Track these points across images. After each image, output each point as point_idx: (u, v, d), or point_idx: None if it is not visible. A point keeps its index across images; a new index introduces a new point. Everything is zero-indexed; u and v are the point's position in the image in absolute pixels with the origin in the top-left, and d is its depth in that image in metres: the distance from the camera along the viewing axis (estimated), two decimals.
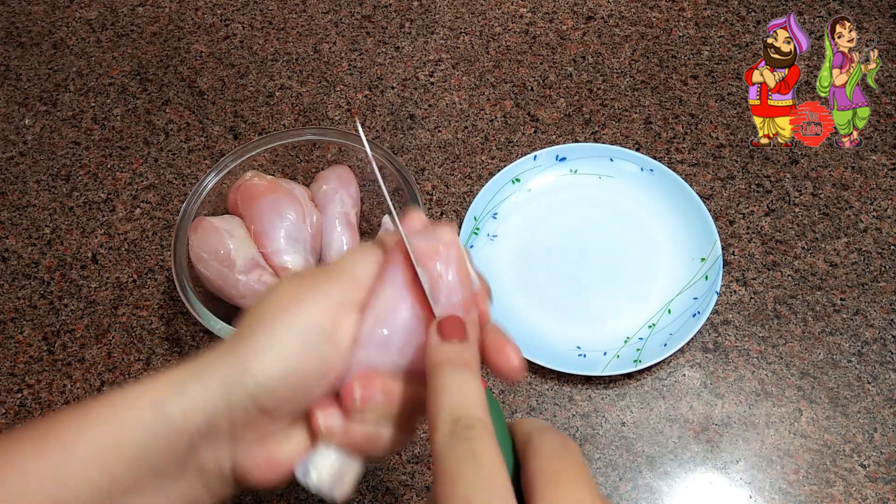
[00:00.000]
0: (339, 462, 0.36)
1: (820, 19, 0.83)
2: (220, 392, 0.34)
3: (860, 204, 0.71)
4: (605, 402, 0.63)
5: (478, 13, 0.86)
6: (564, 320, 0.66)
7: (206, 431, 0.34)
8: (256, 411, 0.34)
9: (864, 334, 0.65)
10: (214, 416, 0.34)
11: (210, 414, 0.34)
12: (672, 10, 0.85)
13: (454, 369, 0.33)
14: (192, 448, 0.34)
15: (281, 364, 0.34)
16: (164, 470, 0.34)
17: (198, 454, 0.34)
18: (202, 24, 0.86)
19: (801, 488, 0.59)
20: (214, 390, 0.34)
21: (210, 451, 0.35)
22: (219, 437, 0.34)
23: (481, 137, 0.77)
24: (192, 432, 0.34)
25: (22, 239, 0.73)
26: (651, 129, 0.76)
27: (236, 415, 0.34)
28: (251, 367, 0.34)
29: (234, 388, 0.34)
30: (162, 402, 0.34)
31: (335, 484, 0.36)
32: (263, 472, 0.36)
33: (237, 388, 0.34)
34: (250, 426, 0.34)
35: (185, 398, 0.34)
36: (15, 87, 0.83)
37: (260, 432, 0.35)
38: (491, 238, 0.70)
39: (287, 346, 0.34)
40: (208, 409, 0.34)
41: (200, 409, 0.34)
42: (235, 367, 0.34)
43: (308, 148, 0.68)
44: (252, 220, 0.63)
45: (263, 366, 0.34)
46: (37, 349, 0.67)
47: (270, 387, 0.34)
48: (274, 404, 0.34)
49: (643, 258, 0.69)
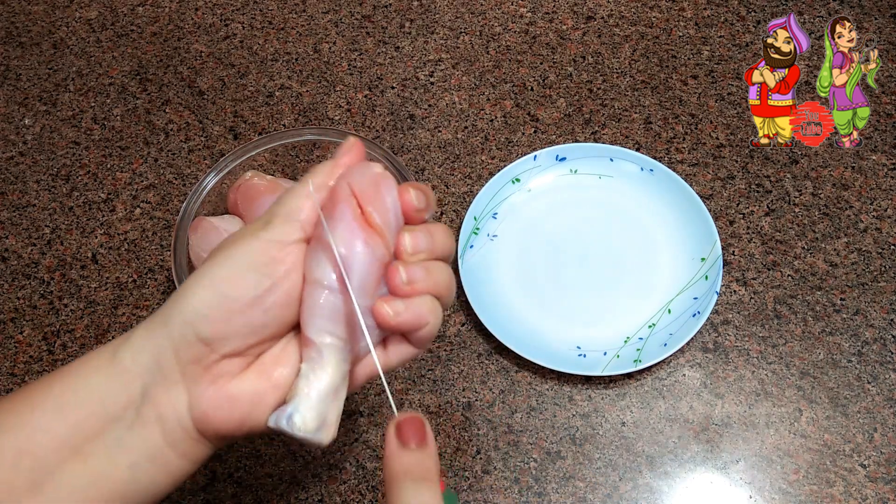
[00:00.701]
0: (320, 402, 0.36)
1: (820, 19, 0.83)
2: (162, 329, 0.36)
3: (860, 204, 0.71)
4: (605, 402, 0.63)
5: (478, 13, 0.86)
6: (564, 320, 0.66)
7: (155, 371, 0.36)
8: (197, 340, 0.36)
9: (864, 334, 0.65)
10: (159, 353, 0.36)
11: (155, 352, 0.36)
12: (672, 10, 0.85)
13: (413, 482, 0.34)
14: (145, 392, 0.36)
15: (211, 291, 0.36)
16: (122, 417, 0.36)
17: (152, 399, 0.36)
18: (202, 24, 0.86)
19: (801, 488, 0.59)
20: (156, 329, 0.37)
21: (164, 395, 0.36)
22: (169, 376, 0.36)
23: (481, 137, 0.77)
24: (143, 373, 0.36)
25: (22, 239, 0.73)
26: (651, 129, 0.76)
27: (180, 347, 0.36)
28: (185, 299, 0.36)
29: (171, 320, 0.36)
30: (115, 350, 0.37)
31: (320, 426, 0.36)
32: (222, 412, 0.37)
33: (174, 319, 0.36)
34: (197, 361, 0.36)
35: (132, 341, 0.37)
36: (15, 87, 0.83)
37: (210, 370, 0.36)
38: (491, 238, 0.70)
39: (216, 275, 0.37)
40: (153, 347, 0.36)
41: (146, 348, 0.36)
42: (174, 302, 0.37)
43: (308, 148, 0.68)
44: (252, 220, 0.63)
45: (196, 296, 0.36)
46: (37, 349, 0.67)
47: (203, 312, 0.36)
48: (211, 331, 0.36)
49: (643, 258, 0.69)
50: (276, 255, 0.37)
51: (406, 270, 0.38)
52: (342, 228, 0.37)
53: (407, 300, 0.38)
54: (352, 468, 0.61)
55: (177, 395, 0.36)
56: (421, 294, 0.38)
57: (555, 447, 0.61)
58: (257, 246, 0.37)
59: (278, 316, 0.37)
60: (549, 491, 0.59)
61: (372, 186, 0.38)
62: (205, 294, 0.36)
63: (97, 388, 0.36)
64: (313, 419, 0.36)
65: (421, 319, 0.38)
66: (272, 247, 0.37)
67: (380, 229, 0.38)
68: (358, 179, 0.38)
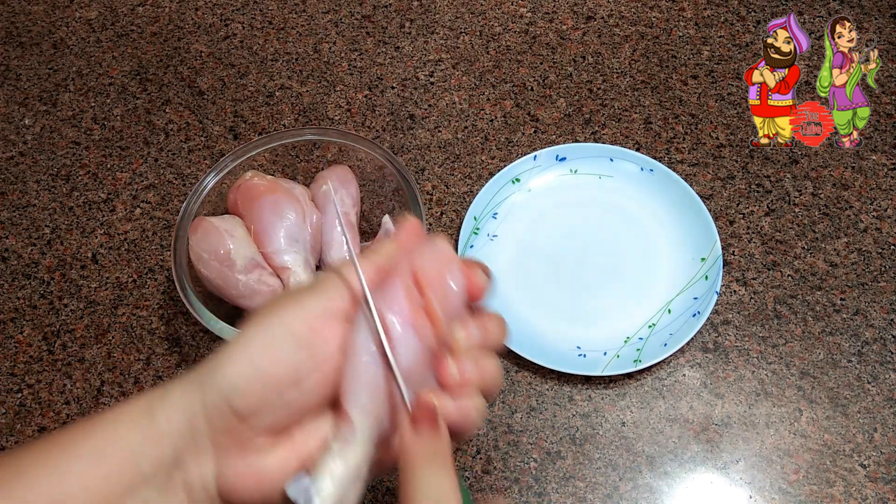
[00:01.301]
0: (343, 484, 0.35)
1: (820, 19, 0.83)
2: (198, 395, 0.35)
3: (860, 204, 0.71)
4: (605, 402, 0.63)
5: (478, 13, 0.86)
6: (564, 320, 0.66)
7: (188, 436, 0.35)
8: (230, 413, 0.34)
9: (864, 334, 0.65)
10: (193, 418, 0.35)
11: (189, 416, 0.35)
12: (672, 10, 0.85)
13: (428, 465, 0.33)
14: (176, 456, 0.35)
15: (249, 365, 0.34)
16: (153, 477, 0.35)
17: (182, 465, 0.35)
18: (202, 24, 0.86)
19: (801, 488, 0.59)
20: (193, 393, 0.35)
21: (193, 462, 0.35)
22: (200, 444, 0.35)
23: (481, 137, 0.77)
24: (175, 435, 0.35)
25: (22, 239, 0.73)
26: (651, 129, 0.76)
27: (213, 417, 0.35)
28: (222, 368, 0.35)
29: (207, 388, 0.35)
30: (152, 407, 0.35)
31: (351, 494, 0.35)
32: (248, 486, 0.36)
33: (210, 388, 0.35)
34: (229, 433, 0.35)
35: (168, 401, 0.35)
36: (15, 87, 0.83)
37: (241, 443, 0.35)
38: (491, 238, 0.70)
39: (257, 348, 0.35)
40: (188, 411, 0.35)
41: (181, 411, 0.35)
42: (211, 368, 0.35)
43: (308, 148, 0.68)
44: (252, 220, 0.63)
45: (233, 366, 0.35)
46: (37, 349, 0.67)
47: (240, 386, 0.34)
48: (246, 406, 0.34)
49: (643, 258, 0.69)
50: (319, 329, 0.35)
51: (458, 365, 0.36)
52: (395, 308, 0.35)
53: (456, 398, 0.36)
54: None
55: (206, 465, 0.35)
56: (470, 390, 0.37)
57: (555, 447, 0.61)
58: (299, 316, 0.35)
59: (317, 396, 0.36)
60: (549, 491, 0.59)
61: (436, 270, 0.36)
62: (242, 366, 0.34)
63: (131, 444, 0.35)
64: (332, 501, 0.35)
65: (467, 420, 0.37)
66: (313, 319, 0.35)
67: (437, 318, 0.36)
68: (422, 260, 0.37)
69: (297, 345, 0.35)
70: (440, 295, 0.36)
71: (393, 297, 0.36)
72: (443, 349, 0.37)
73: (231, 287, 0.60)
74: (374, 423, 0.36)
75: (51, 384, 0.65)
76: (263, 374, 0.34)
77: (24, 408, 0.64)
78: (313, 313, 0.35)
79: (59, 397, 0.65)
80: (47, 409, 0.64)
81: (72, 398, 0.65)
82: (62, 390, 0.65)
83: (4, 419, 0.64)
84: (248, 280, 0.60)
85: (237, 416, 0.34)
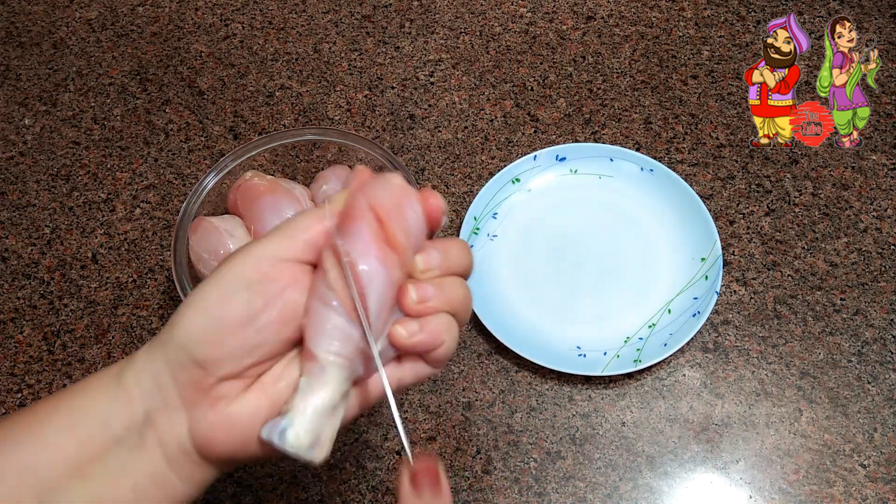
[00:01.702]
0: (316, 419, 0.35)
1: (820, 19, 0.83)
2: (160, 352, 0.36)
3: (860, 204, 0.71)
4: (605, 402, 0.63)
5: (478, 13, 0.86)
6: (564, 320, 0.66)
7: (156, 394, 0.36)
8: (193, 364, 0.35)
9: (864, 334, 0.65)
10: (159, 375, 0.36)
11: (155, 374, 0.36)
12: (672, 10, 0.85)
13: None
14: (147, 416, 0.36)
15: (204, 314, 0.35)
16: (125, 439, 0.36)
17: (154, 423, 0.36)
18: (202, 24, 0.86)
19: (801, 488, 0.59)
20: (155, 352, 0.36)
21: (166, 421, 0.36)
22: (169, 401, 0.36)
23: (481, 137, 0.77)
24: (144, 396, 0.36)
25: (22, 239, 0.73)
26: (651, 129, 0.76)
27: (176, 371, 0.35)
28: (179, 322, 0.36)
29: (168, 343, 0.36)
30: (120, 371, 0.37)
31: (314, 444, 0.36)
32: (222, 436, 0.36)
33: (170, 344, 0.36)
34: (195, 384, 0.35)
35: (134, 364, 0.37)
36: (15, 87, 0.83)
37: (209, 394, 0.36)
38: (491, 238, 0.70)
39: (207, 297, 0.36)
40: (153, 370, 0.36)
41: (147, 371, 0.36)
42: (170, 325, 0.36)
43: (308, 148, 0.68)
44: (252, 220, 0.63)
45: (188, 318, 0.36)
46: (37, 349, 0.67)
47: (196, 335, 0.35)
48: (205, 353, 0.35)
49: (643, 258, 0.69)
50: (268, 272, 0.36)
51: (417, 289, 0.37)
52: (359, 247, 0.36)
53: (421, 320, 0.37)
54: (352, 468, 0.61)
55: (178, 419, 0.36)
56: (435, 312, 0.37)
57: (555, 447, 0.61)
58: (249, 262, 0.36)
59: (274, 335, 0.36)
60: (549, 491, 0.59)
61: (393, 201, 0.37)
62: (196, 316, 0.36)
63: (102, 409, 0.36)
64: (307, 436, 0.35)
65: (436, 339, 0.37)
66: (264, 263, 0.36)
67: (401, 248, 0.36)
68: (378, 194, 0.37)
69: (247, 288, 0.36)
70: (401, 225, 0.37)
71: (356, 235, 0.36)
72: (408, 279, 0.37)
73: None
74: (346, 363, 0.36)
75: (51, 384, 0.65)
76: (217, 320, 0.35)
77: (23, 408, 0.64)
78: (263, 258, 0.36)
79: None
80: None
81: None
82: None
83: None
84: None
85: (199, 366, 0.35)
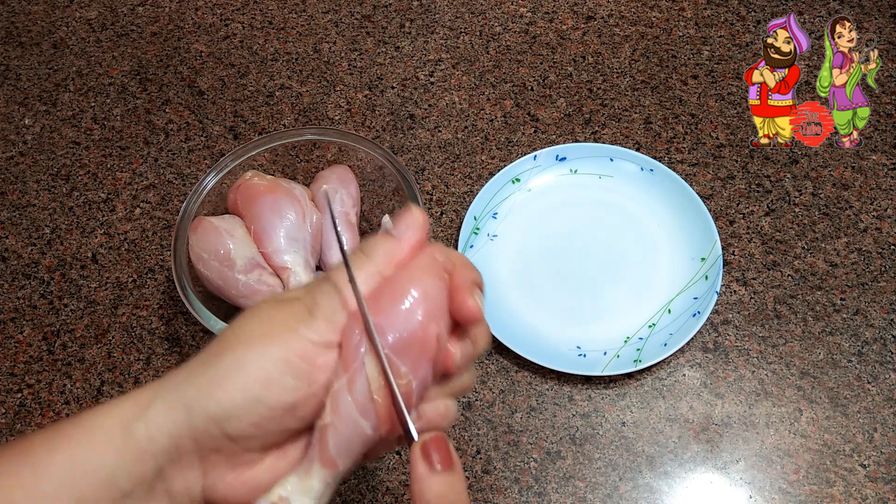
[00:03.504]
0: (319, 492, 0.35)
1: (820, 19, 0.83)
2: (184, 415, 0.33)
3: (860, 204, 0.71)
4: (605, 402, 0.63)
5: (478, 13, 0.86)
6: (564, 320, 0.66)
7: (172, 453, 0.34)
8: (222, 436, 0.33)
9: (864, 334, 0.65)
10: (179, 438, 0.33)
11: (174, 436, 0.33)
12: (672, 10, 0.85)
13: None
14: (159, 471, 0.34)
15: (245, 394, 0.33)
16: (132, 493, 0.34)
17: (166, 478, 0.34)
18: (202, 24, 0.86)
19: (801, 488, 0.59)
20: (178, 412, 0.33)
21: (178, 476, 0.34)
22: (186, 460, 0.34)
23: (481, 137, 0.77)
24: (158, 454, 0.33)
25: (22, 239, 0.73)
26: (651, 129, 0.76)
27: (201, 438, 0.33)
28: (214, 392, 0.33)
29: (196, 411, 0.33)
30: (129, 424, 0.34)
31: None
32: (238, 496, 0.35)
33: (199, 412, 0.33)
34: (219, 451, 0.34)
35: (150, 419, 0.33)
36: (15, 87, 0.83)
37: (231, 458, 0.34)
38: (491, 238, 0.70)
39: (253, 376, 0.33)
40: (172, 431, 0.33)
41: (165, 430, 0.33)
42: (199, 391, 0.33)
43: (308, 148, 0.68)
44: (252, 220, 0.63)
45: (227, 393, 0.33)
46: (37, 349, 0.67)
47: (233, 414, 0.33)
48: (240, 431, 0.33)
49: (643, 258, 0.69)
50: (314, 358, 0.34)
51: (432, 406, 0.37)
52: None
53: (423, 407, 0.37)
54: None
55: (192, 477, 0.34)
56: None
57: (555, 447, 0.61)
58: (297, 347, 0.34)
59: (311, 419, 0.35)
60: (549, 491, 0.59)
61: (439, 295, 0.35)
62: (235, 394, 0.33)
63: (108, 465, 0.33)
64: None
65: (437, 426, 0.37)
66: (312, 350, 0.34)
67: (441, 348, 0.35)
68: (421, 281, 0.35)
69: (294, 376, 0.34)
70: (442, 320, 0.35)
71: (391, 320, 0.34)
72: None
73: (231, 287, 0.60)
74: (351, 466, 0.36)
75: (51, 384, 0.65)
76: (260, 405, 0.33)
77: (24, 408, 0.64)
78: (310, 344, 0.34)
79: (59, 397, 0.65)
80: (47, 409, 0.64)
81: (72, 398, 0.65)
82: (62, 390, 0.65)
83: (4, 419, 0.64)
84: (248, 280, 0.60)
85: (230, 440, 0.34)
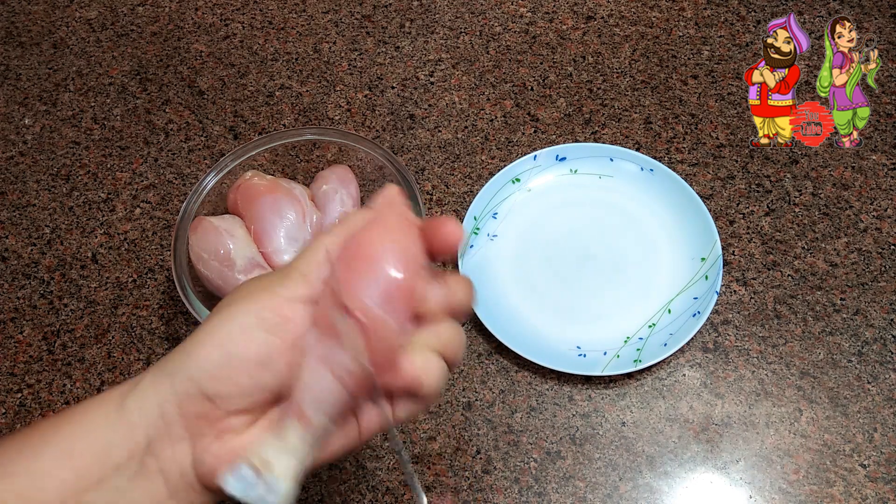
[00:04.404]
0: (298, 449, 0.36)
1: (820, 19, 0.83)
2: (167, 382, 0.35)
3: (860, 204, 0.71)
4: (605, 402, 0.63)
5: (478, 13, 0.86)
6: (564, 320, 0.66)
7: (160, 424, 0.35)
8: (202, 398, 0.35)
9: (864, 334, 0.65)
10: (164, 405, 0.35)
11: (160, 404, 0.35)
12: (672, 10, 0.85)
13: None
14: (149, 444, 0.35)
15: (220, 350, 0.35)
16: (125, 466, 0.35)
17: (156, 453, 0.35)
18: (202, 24, 0.86)
19: (801, 488, 0.59)
20: (162, 381, 0.35)
21: (169, 451, 0.36)
22: (174, 432, 0.35)
23: (481, 137, 0.77)
24: (147, 425, 0.35)
25: (22, 239, 0.73)
26: (651, 129, 0.76)
27: (184, 402, 0.35)
28: (191, 354, 0.35)
29: (178, 376, 0.35)
30: (123, 398, 0.36)
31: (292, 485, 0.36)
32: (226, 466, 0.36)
33: (181, 375, 0.35)
34: (202, 417, 0.35)
35: (139, 392, 0.36)
36: (15, 87, 0.83)
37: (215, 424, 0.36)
38: (491, 238, 0.70)
39: (226, 333, 0.35)
40: (159, 399, 0.35)
41: (152, 400, 0.35)
42: (179, 358, 0.36)
43: (308, 148, 0.68)
44: (252, 220, 0.63)
45: (202, 351, 0.35)
46: (37, 349, 0.67)
47: (209, 370, 0.35)
48: (217, 389, 0.35)
49: (643, 258, 0.69)
50: (287, 314, 0.36)
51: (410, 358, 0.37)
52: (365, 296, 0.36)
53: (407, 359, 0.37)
54: (352, 468, 0.61)
55: (181, 449, 0.36)
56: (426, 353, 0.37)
57: (555, 447, 0.61)
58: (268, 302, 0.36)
59: (288, 377, 0.36)
60: (549, 491, 0.59)
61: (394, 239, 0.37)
62: (211, 351, 0.35)
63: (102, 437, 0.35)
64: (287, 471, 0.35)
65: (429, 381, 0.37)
66: (284, 305, 0.36)
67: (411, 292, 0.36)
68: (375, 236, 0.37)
69: (266, 327, 0.35)
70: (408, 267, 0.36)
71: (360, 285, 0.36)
72: None
73: (231, 287, 0.60)
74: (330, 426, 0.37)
75: (51, 384, 0.65)
76: (233, 358, 0.35)
77: (24, 408, 0.64)
78: (282, 299, 0.36)
79: (59, 397, 0.65)
80: (47, 409, 0.64)
81: (72, 398, 0.65)
82: (62, 390, 0.65)
83: (4, 419, 0.64)
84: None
85: (209, 400, 0.35)
